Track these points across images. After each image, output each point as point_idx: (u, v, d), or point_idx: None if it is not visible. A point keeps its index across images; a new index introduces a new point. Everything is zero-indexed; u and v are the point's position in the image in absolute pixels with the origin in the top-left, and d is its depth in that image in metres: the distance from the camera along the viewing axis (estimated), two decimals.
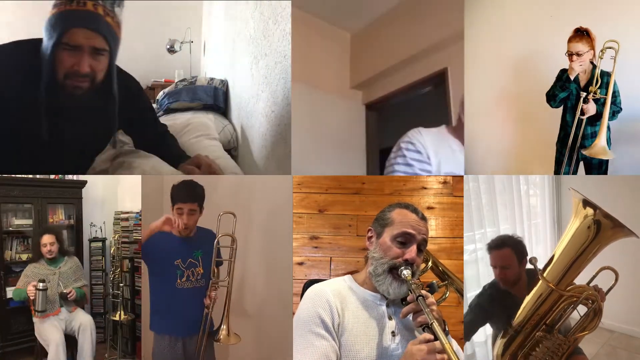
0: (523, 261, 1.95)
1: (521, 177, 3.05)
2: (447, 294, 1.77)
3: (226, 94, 3.06)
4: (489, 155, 3.01)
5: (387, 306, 1.35)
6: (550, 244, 3.20)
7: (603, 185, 2.70)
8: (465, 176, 2.59)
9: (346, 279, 1.43)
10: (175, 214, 2.06)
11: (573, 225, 1.53)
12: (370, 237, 1.40)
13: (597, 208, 1.48)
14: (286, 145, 2.11)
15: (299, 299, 1.42)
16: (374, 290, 1.36)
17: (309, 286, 1.43)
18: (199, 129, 2.64)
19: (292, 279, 2.33)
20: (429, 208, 2.41)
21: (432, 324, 1.15)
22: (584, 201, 1.50)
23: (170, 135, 2.25)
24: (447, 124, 2.60)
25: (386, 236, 1.34)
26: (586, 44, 2.26)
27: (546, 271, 1.55)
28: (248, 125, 2.61)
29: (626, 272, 1.80)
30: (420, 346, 1.12)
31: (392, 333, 1.32)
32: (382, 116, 3.00)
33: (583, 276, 1.59)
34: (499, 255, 1.96)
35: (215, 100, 3.03)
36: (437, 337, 1.14)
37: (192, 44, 4.26)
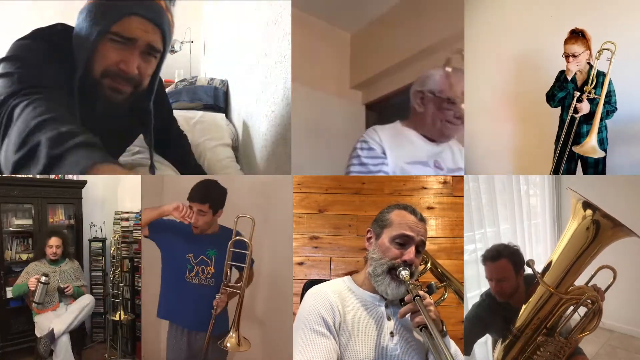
0: (520, 272, 1.83)
1: (521, 177, 3.05)
2: (445, 295, 1.77)
3: (226, 94, 3.05)
4: (489, 155, 3.01)
5: (386, 307, 1.37)
6: (550, 244, 3.20)
7: (603, 185, 2.70)
8: (465, 176, 2.59)
9: (345, 279, 1.44)
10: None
11: (571, 227, 1.52)
12: (369, 238, 1.41)
13: (596, 208, 1.47)
14: (286, 145, 2.11)
15: (299, 299, 1.42)
16: (373, 291, 1.37)
17: (309, 286, 1.44)
18: (211, 130, 2.60)
19: (292, 279, 2.33)
20: (429, 208, 2.41)
21: (427, 325, 1.16)
22: (583, 202, 1.50)
23: (187, 141, 2.21)
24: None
25: (385, 237, 1.35)
26: (582, 45, 2.30)
27: (545, 275, 1.54)
28: (248, 125, 2.60)
29: (626, 272, 1.80)
30: None
31: (391, 333, 1.33)
32: (382, 116, 3.00)
33: (582, 276, 1.58)
34: (494, 267, 1.84)
35: (216, 100, 3.02)
36: (433, 338, 1.15)
37: (192, 44, 4.26)
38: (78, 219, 3.60)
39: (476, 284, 2.37)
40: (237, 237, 2.06)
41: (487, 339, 2.42)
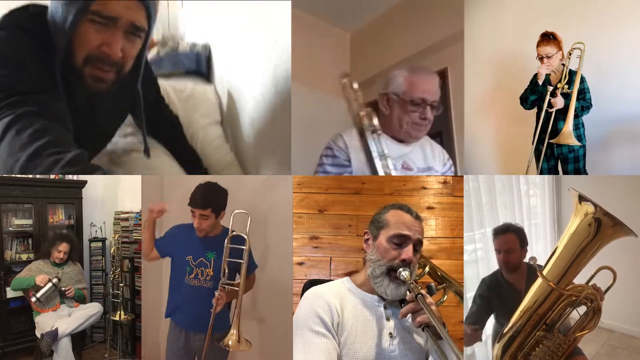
0: (524, 247, 2.13)
1: (521, 177, 3.05)
2: (445, 297, 1.77)
3: (209, 59, 2.87)
4: (489, 155, 3.02)
5: (385, 308, 1.36)
6: (551, 244, 3.20)
7: (603, 185, 2.70)
8: (465, 176, 2.59)
9: (344, 280, 1.44)
10: (192, 214, 2.08)
11: (574, 223, 1.53)
12: (367, 240, 1.41)
13: (597, 206, 1.48)
14: (275, 137, 2.08)
15: (299, 299, 1.42)
16: (372, 292, 1.37)
17: (309, 286, 1.44)
18: (203, 106, 2.48)
19: (292, 279, 2.33)
20: (429, 208, 2.41)
21: (429, 324, 1.17)
22: (584, 199, 1.51)
23: (178, 122, 2.17)
24: (446, 122, 2.63)
25: (382, 238, 1.35)
26: (554, 46, 2.40)
27: (546, 269, 1.55)
28: (234, 97, 2.47)
29: (626, 272, 1.80)
30: None
31: (390, 334, 1.32)
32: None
33: (581, 276, 1.59)
34: (504, 239, 2.12)
35: (198, 65, 2.84)
36: (438, 335, 1.15)
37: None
38: (78, 219, 3.60)
39: (476, 284, 2.37)
40: (234, 233, 2.06)
41: (487, 338, 2.42)
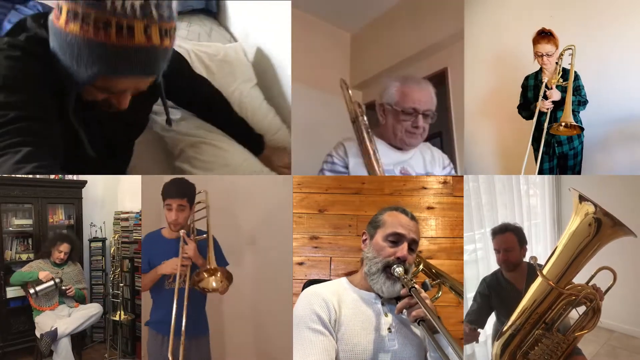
0: (523, 246, 2.13)
1: (521, 177, 3.05)
2: (439, 292, 1.78)
3: None
4: (489, 155, 3.01)
5: (382, 304, 1.39)
6: (551, 244, 3.20)
7: (603, 185, 2.70)
8: (465, 176, 2.59)
9: (341, 280, 1.48)
10: (166, 210, 2.04)
11: (574, 223, 1.54)
12: (365, 239, 1.47)
13: (597, 206, 1.49)
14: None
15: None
16: (369, 290, 1.41)
17: (309, 286, 1.46)
18: (239, 68, 2.33)
19: (292, 279, 2.33)
20: (429, 208, 2.41)
21: (424, 318, 1.21)
22: (584, 199, 1.52)
23: (222, 97, 2.11)
24: (446, 122, 2.63)
25: (378, 237, 1.41)
26: (553, 44, 2.38)
27: (546, 269, 1.55)
28: (268, 56, 2.36)
29: (626, 272, 1.81)
30: None
31: (389, 329, 1.35)
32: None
33: (581, 277, 1.59)
34: (502, 238, 2.13)
35: (207, 3, 2.73)
36: (434, 329, 1.19)
37: None
38: (78, 219, 3.60)
39: (476, 284, 2.37)
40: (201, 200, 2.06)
41: (487, 338, 2.42)
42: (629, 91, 2.53)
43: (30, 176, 3.23)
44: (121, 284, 3.27)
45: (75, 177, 3.53)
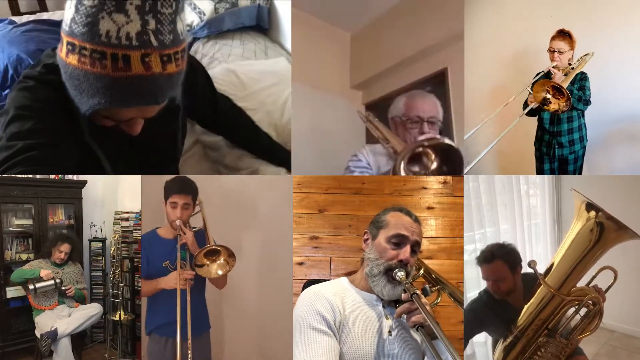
0: (517, 270, 1.85)
1: (521, 177, 3.05)
2: (439, 298, 1.77)
3: (270, 11, 2.78)
4: (489, 155, 3.01)
5: (383, 307, 1.38)
6: (551, 244, 3.20)
7: (603, 186, 2.70)
8: (465, 176, 2.59)
9: (342, 280, 1.46)
10: (169, 208, 2.02)
11: (575, 228, 1.52)
12: (366, 239, 1.44)
13: (600, 210, 1.47)
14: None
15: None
16: (370, 291, 1.39)
17: (309, 286, 1.45)
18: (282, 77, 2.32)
19: (292, 279, 2.32)
20: (429, 208, 2.41)
21: (423, 324, 1.20)
22: (587, 203, 1.49)
23: (242, 112, 2.10)
24: (446, 122, 2.62)
25: (381, 238, 1.38)
26: (567, 44, 2.34)
27: (548, 276, 1.54)
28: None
29: (626, 272, 1.80)
30: None
31: (390, 332, 1.34)
32: (382, 116, 3.00)
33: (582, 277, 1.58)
34: (489, 269, 1.85)
35: (259, 19, 2.70)
36: (432, 335, 1.18)
37: None
38: (78, 219, 3.59)
39: (476, 284, 2.37)
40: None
41: (487, 338, 2.42)
42: (629, 91, 2.53)
43: (30, 176, 3.23)
44: (121, 284, 3.26)
45: (75, 177, 3.53)
